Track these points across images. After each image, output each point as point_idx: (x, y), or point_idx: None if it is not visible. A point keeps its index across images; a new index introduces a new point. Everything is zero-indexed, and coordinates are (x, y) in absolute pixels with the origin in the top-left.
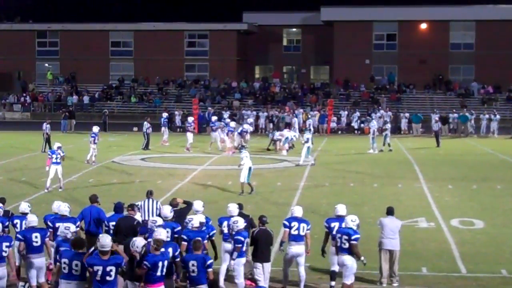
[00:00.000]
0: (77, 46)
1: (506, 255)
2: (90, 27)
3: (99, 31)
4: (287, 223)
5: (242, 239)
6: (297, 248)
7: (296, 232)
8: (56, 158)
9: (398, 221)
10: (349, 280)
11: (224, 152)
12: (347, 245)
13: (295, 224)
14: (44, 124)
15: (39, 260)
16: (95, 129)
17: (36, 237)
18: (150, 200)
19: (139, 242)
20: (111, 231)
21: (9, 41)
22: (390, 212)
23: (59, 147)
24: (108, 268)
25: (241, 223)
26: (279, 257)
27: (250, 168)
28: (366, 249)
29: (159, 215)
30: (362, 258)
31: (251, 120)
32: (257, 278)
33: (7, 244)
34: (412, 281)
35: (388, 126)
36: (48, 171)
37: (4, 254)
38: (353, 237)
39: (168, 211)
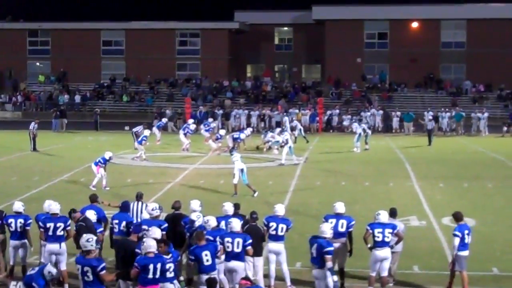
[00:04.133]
0: (69, 45)
1: (497, 253)
2: (82, 25)
3: (91, 30)
4: (265, 222)
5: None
6: (273, 245)
7: (274, 232)
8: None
9: (400, 224)
10: (387, 272)
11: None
12: (390, 238)
13: (273, 224)
14: (32, 123)
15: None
16: (146, 132)
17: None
18: (140, 202)
19: (150, 243)
20: (114, 230)
21: (0, 40)
22: (391, 214)
23: (110, 157)
24: (85, 268)
25: (213, 222)
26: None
27: (242, 170)
28: (358, 248)
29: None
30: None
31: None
32: (246, 271)
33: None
34: (403, 279)
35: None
36: (100, 174)
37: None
38: (397, 229)
39: (150, 209)
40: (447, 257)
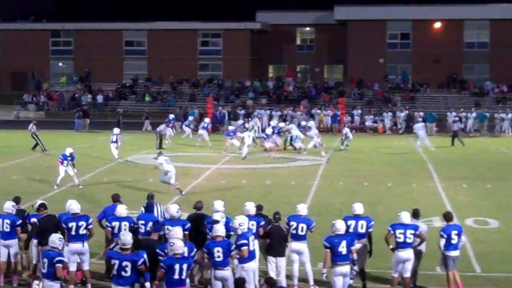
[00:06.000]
0: (91, 45)
1: None
2: (104, 26)
3: (113, 30)
4: (287, 221)
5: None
6: (296, 245)
7: (294, 232)
8: (67, 164)
9: (423, 225)
10: (409, 273)
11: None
12: (412, 239)
13: (293, 223)
14: (31, 124)
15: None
16: (116, 130)
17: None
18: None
19: (179, 244)
20: (140, 230)
21: (23, 40)
22: (414, 215)
23: (71, 154)
24: (123, 263)
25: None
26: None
27: (167, 172)
28: (380, 248)
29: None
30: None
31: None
32: (269, 272)
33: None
34: (426, 280)
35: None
36: (59, 171)
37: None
38: (419, 230)
39: (175, 210)
40: (470, 258)
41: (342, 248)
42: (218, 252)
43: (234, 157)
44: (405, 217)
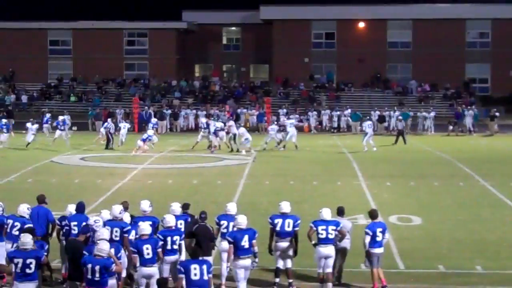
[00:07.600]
0: (15, 44)
1: (443, 250)
2: (28, 25)
3: (37, 30)
4: (217, 220)
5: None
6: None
7: (225, 231)
8: None
9: (348, 222)
10: (331, 269)
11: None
12: (334, 235)
13: (224, 222)
14: None
15: None
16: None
17: None
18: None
19: (103, 246)
20: (73, 231)
21: None
22: (339, 212)
23: None
24: (28, 261)
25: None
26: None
27: None
28: (307, 246)
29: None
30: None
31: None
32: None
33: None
34: (351, 277)
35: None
36: None
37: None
38: (340, 225)
39: (117, 211)
40: (393, 255)
41: (245, 242)
42: (147, 250)
43: (160, 157)
44: (326, 214)
